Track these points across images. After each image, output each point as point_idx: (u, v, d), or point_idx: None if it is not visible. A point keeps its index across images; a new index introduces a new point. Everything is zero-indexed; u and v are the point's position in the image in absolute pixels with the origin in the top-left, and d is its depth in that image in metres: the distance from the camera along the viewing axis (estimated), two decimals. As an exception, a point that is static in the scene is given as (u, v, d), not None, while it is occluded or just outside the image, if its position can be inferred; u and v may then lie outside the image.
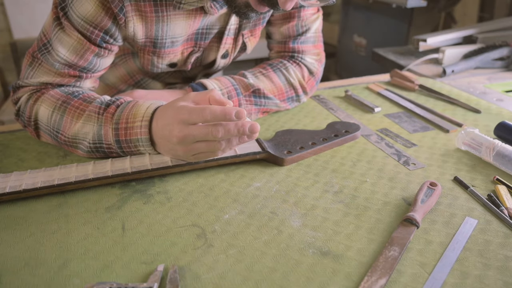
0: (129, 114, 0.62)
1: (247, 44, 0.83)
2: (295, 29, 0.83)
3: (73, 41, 0.66)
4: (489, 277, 0.44)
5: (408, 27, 1.88)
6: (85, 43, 0.66)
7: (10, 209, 0.56)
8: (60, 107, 0.66)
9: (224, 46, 0.79)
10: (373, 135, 0.75)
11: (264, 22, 0.82)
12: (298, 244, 0.49)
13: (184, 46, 0.76)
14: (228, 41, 0.79)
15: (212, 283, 0.44)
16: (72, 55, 0.67)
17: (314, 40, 0.86)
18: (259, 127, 0.56)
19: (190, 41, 0.76)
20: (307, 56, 0.86)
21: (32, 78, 0.70)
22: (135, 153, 0.64)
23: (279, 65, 0.82)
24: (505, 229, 0.51)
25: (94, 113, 0.64)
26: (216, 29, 0.76)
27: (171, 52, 0.74)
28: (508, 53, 1.12)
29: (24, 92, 0.71)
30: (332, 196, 0.58)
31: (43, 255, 0.48)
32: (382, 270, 0.44)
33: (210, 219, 0.53)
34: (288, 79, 0.82)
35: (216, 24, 0.75)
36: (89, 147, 0.65)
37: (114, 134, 0.62)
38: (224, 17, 0.75)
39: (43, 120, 0.68)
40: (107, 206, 0.56)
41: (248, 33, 0.81)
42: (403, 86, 0.98)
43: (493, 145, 0.64)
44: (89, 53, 0.67)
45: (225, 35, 0.77)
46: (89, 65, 0.69)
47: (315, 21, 0.85)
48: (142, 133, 0.61)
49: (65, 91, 0.69)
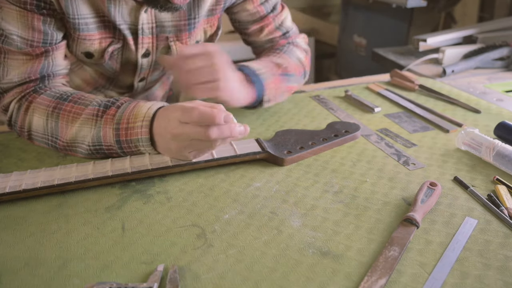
0: (130, 114, 0.62)
1: (172, 48, 0.80)
2: (277, 30, 0.88)
3: (16, 15, 0.65)
4: (489, 277, 0.44)
5: (408, 27, 1.87)
6: (26, 13, 0.65)
7: (10, 209, 0.56)
8: (52, 113, 0.66)
9: (142, 46, 0.78)
10: (373, 135, 0.75)
11: (191, 29, 0.80)
12: (298, 244, 0.49)
13: (102, 35, 0.73)
14: (146, 41, 0.77)
15: (212, 283, 0.44)
16: (24, 30, 0.66)
17: (296, 29, 0.93)
18: (249, 130, 0.60)
19: (108, 30, 0.73)
20: (297, 39, 0.92)
21: (8, 74, 0.69)
22: (135, 153, 0.64)
23: (284, 47, 0.87)
24: (505, 229, 0.51)
25: (91, 115, 0.64)
26: (128, 24, 0.74)
27: (87, 37, 0.72)
28: (508, 53, 1.12)
29: (11, 97, 0.70)
30: (332, 196, 0.58)
31: (43, 255, 0.48)
32: (382, 270, 0.44)
33: (210, 219, 0.53)
34: (297, 57, 0.87)
35: (127, 19, 0.73)
36: (88, 149, 0.65)
37: (115, 134, 0.62)
38: (135, 12, 0.73)
39: (39, 130, 0.68)
40: (107, 206, 0.56)
41: (173, 37, 0.79)
42: (403, 86, 0.98)
43: (493, 145, 0.64)
44: (36, 21, 0.66)
45: (139, 34, 0.75)
46: (46, 36, 0.68)
47: (288, 16, 0.90)
48: (143, 133, 0.61)
49: (52, 95, 0.68)
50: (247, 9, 0.84)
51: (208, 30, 0.85)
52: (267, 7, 0.85)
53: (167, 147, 0.61)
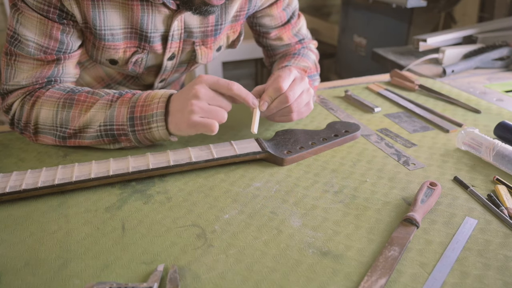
0: (147, 96, 0.66)
1: (197, 52, 0.82)
2: (294, 36, 0.92)
3: (36, 22, 0.66)
4: (489, 277, 0.44)
5: (408, 27, 1.87)
6: (46, 21, 0.66)
7: (10, 209, 0.56)
8: (64, 104, 0.67)
9: (170, 50, 0.79)
10: (373, 135, 0.75)
11: (216, 35, 0.82)
12: (298, 244, 0.49)
13: (127, 44, 0.75)
14: (174, 46, 0.79)
15: (212, 283, 0.44)
16: (41, 37, 0.67)
17: (310, 36, 0.98)
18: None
19: (133, 40, 0.74)
20: (310, 44, 0.97)
21: (16, 77, 0.69)
22: (145, 133, 0.65)
23: (301, 51, 0.91)
24: (505, 229, 0.51)
25: (107, 101, 0.66)
26: (160, 33, 0.75)
27: (112, 46, 0.73)
28: (508, 53, 1.12)
29: (15, 98, 0.70)
30: (332, 196, 0.58)
31: (43, 255, 0.48)
32: (382, 270, 0.44)
33: (210, 219, 0.53)
34: (313, 59, 0.92)
35: (160, 28, 0.74)
36: (98, 130, 0.66)
37: (129, 111, 0.65)
38: (167, 20, 0.74)
39: (47, 122, 0.68)
40: (107, 206, 0.56)
41: (199, 42, 0.81)
42: (403, 86, 0.98)
43: (493, 145, 0.64)
44: (55, 31, 0.67)
45: (169, 40, 0.77)
46: (61, 45, 0.69)
47: (304, 24, 0.94)
48: (159, 107, 0.64)
49: (62, 89, 0.69)
50: (271, 14, 0.86)
51: (230, 36, 0.87)
52: (288, 13, 0.88)
53: (184, 114, 0.62)
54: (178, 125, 0.63)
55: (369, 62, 2.06)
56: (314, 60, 0.92)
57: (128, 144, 0.68)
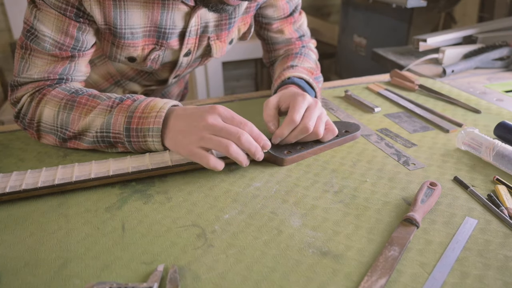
0: (146, 106, 0.64)
1: (212, 47, 0.83)
2: (296, 31, 0.93)
3: (53, 19, 0.66)
4: (489, 277, 0.44)
5: (408, 27, 1.87)
6: (64, 18, 0.66)
7: (10, 209, 0.56)
8: (65, 105, 0.67)
9: (186, 46, 0.80)
10: (373, 135, 0.75)
11: (230, 28, 0.83)
12: (298, 244, 0.49)
13: (145, 42, 0.75)
14: (190, 41, 0.80)
15: (212, 283, 0.44)
16: (57, 33, 0.67)
17: (309, 34, 0.99)
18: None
19: (151, 38, 0.75)
20: (310, 43, 0.99)
21: (29, 70, 0.70)
22: (141, 143, 0.65)
23: (302, 50, 0.92)
24: (505, 229, 0.51)
25: (106, 106, 0.66)
26: (179, 29, 0.76)
27: (131, 44, 0.74)
28: (508, 53, 1.12)
29: (25, 91, 0.71)
30: (332, 196, 0.58)
31: (43, 255, 0.48)
32: (382, 270, 0.44)
33: (210, 219, 0.53)
34: (314, 59, 0.93)
35: (179, 25, 0.75)
36: (94, 136, 0.66)
37: (126, 122, 0.64)
38: (185, 17, 0.75)
39: (48, 121, 0.68)
40: (107, 206, 0.56)
41: (214, 36, 0.82)
42: (403, 86, 0.98)
43: (493, 145, 0.64)
44: (72, 28, 0.68)
45: (186, 36, 0.78)
46: (77, 42, 0.69)
47: (305, 21, 0.96)
48: (156, 122, 0.62)
49: (67, 89, 0.70)
50: (275, 5, 0.87)
51: (241, 28, 0.87)
52: (291, 6, 0.89)
53: (186, 138, 0.60)
54: (177, 147, 0.61)
55: (369, 62, 2.06)
56: (315, 60, 0.93)
57: (126, 150, 0.68)
